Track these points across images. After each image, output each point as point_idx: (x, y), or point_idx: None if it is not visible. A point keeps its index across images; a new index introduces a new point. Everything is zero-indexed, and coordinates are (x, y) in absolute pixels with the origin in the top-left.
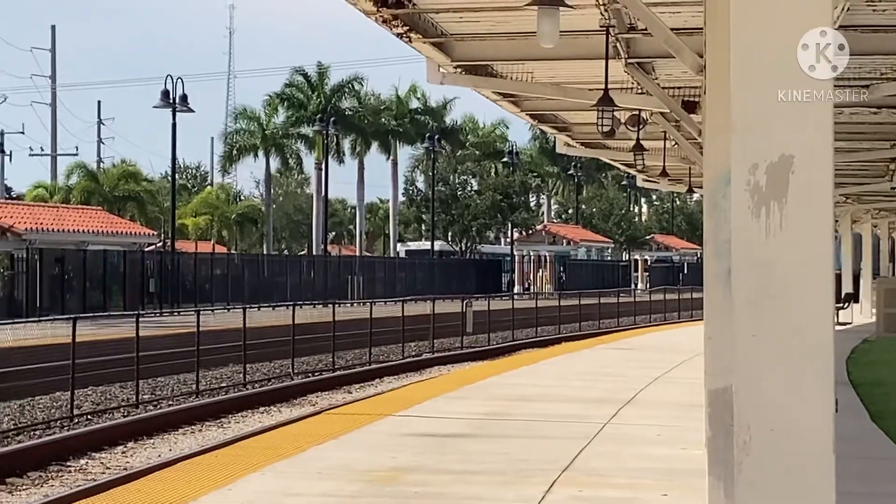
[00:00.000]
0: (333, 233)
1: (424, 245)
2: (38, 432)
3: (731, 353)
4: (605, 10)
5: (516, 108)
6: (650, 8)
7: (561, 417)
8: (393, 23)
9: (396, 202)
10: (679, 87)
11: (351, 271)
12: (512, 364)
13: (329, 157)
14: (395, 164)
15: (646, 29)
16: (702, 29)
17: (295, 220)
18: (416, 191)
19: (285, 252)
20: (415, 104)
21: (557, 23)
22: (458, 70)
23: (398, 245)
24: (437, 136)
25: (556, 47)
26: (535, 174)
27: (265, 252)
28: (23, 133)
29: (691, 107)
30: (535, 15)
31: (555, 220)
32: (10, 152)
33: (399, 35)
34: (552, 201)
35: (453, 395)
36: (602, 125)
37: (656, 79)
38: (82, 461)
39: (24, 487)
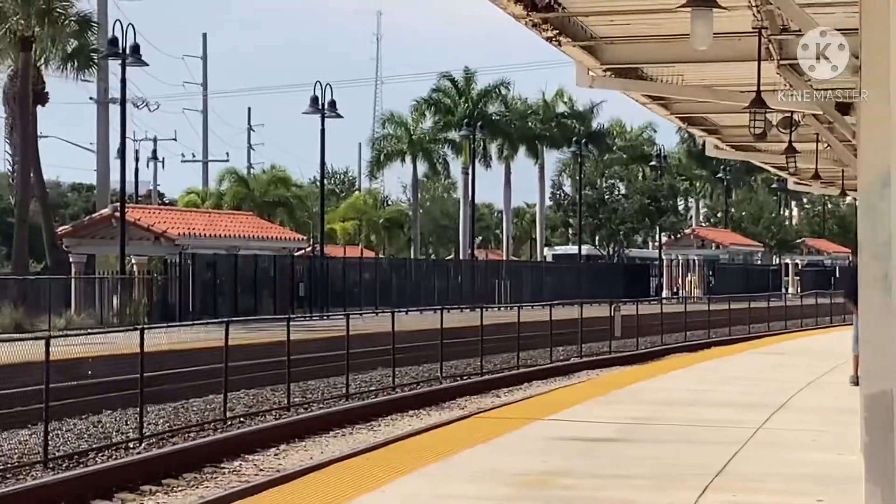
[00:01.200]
0: (480, 237)
1: (571, 249)
2: (192, 434)
3: (890, 357)
4: (758, 12)
5: (665, 110)
6: (804, 9)
7: (712, 422)
8: (542, 27)
9: (543, 206)
10: (832, 89)
11: (498, 276)
12: (661, 368)
13: (476, 162)
14: (541, 168)
15: (799, 30)
16: (857, 30)
17: (442, 224)
18: (563, 195)
19: (432, 256)
20: (561, 108)
21: (711, 24)
22: (608, 73)
23: (545, 249)
24: (584, 140)
25: (708, 49)
26: (684, 177)
27: (412, 256)
28: (175, 140)
29: (845, 108)
30: (686, 17)
31: (703, 224)
32: (163, 159)
33: (549, 39)
34: (701, 205)
35: (602, 400)
36: (754, 128)
37: (809, 80)
38: (236, 463)
39: (180, 489)
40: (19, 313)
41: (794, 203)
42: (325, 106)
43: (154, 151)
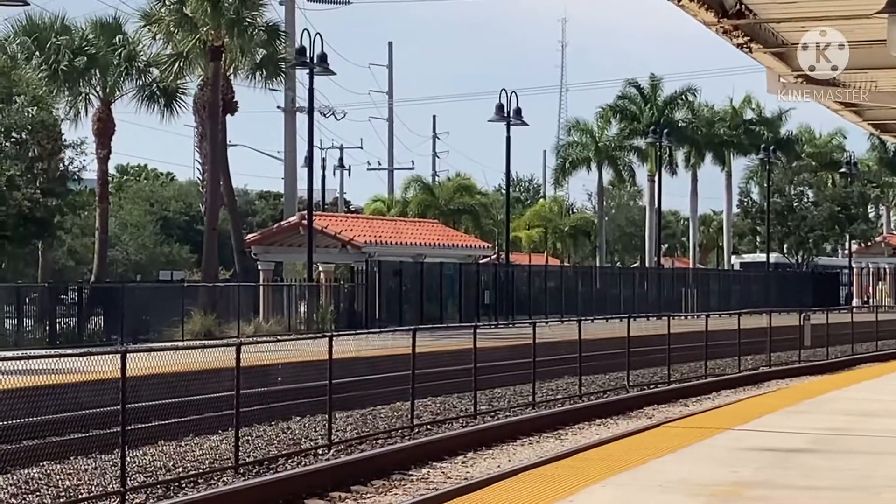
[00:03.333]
0: (666, 245)
1: (759, 257)
2: (380, 441)
3: None
4: None
5: (858, 117)
6: None
7: None
8: (734, 33)
9: (730, 214)
10: None
11: (685, 284)
12: (853, 378)
13: (662, 169)
14: (729, 175)
15: None
16: None
17: (627, 232)
18: (750, 202)
19: (618, 264)
20: (749, 115)
21: None
22: (799, 80)
23: (732, 257)
24: (772, 147)
25: None
26: (874, 184)
27: (598, 264)
28: (361, 148)
29: None
30: (880, 24)
31: (895, 232)
32: (349, 167)
33: (739, 45)
34: (892, 212)
35: (793, 410)
36: None
37: None
38: (423, 470)
39: (369, 495)
40: (209, 320)
41: None
42: (511, 113)
43: (340, 159)
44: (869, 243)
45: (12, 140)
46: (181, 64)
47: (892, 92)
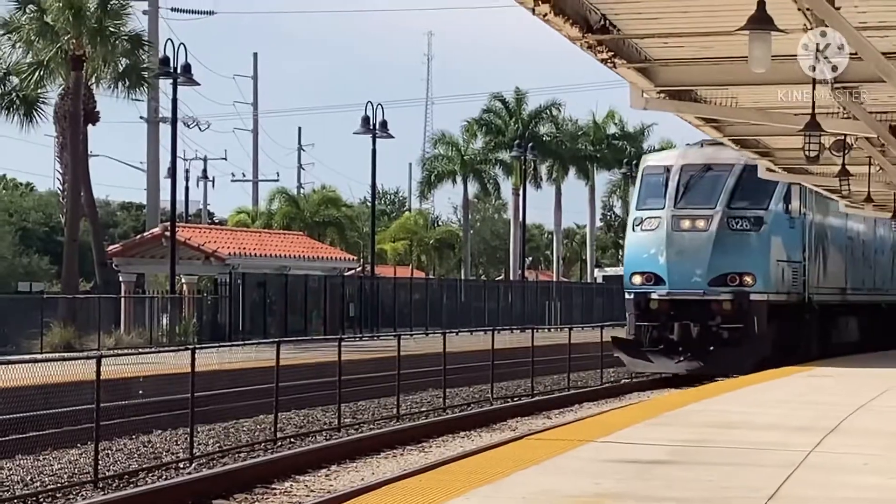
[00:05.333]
0: (530, 258)
1: (621, 270)
2: (242, 455)
3: None
4: None
5: (718, 133)
6: (860, 32)
7: (763, 445)
8: (598, 48)
9: (594, 227)
10: (886, 112)
11: (548, 297)
12: (715, 390)
13: (527, 183)
14: (592, 189)
15: (855, 53)
16: None
17: (492, 245)
18: (613, 216)
19: (483, 277)
20: (612, 129)
21: (769, 48)
22: (662, 95)
23: (595, 270)
24: (635, 162)
25: (762, 72)
26: None
27: (463, 277)
28: (225, 159)
29: None
30: (740, 40)
31: None
32: (213, 178)
33: (603, 61)
34: None
35: (654, 422)
36: (809, 150)
37: (862, 103)
38: (287, 484)
39: None
40: (69, 332)
41: None
42: (376, 126)
43: (204, 171)
44: None
45: None
46: (42, 73)
47: (753, 108)
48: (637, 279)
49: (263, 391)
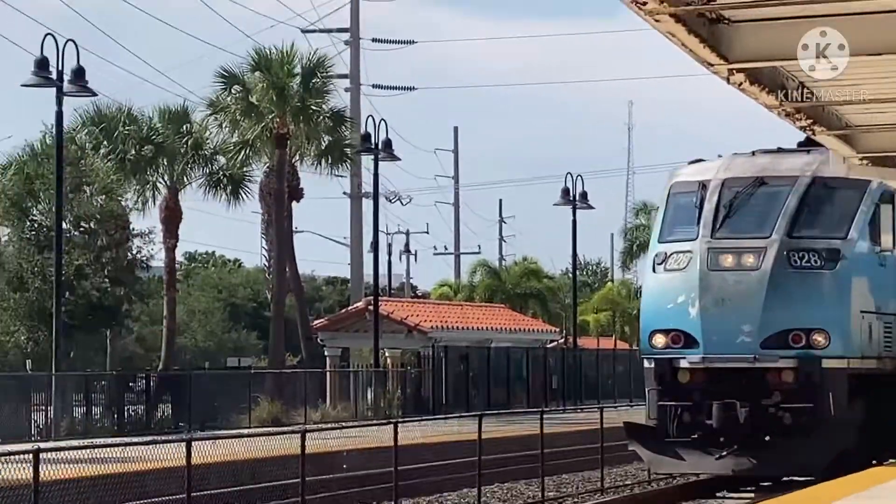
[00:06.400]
0: None
1: None
2: None
3: None
4: None
5: None
6: None
7: None
8: (796, 116)
9: None
10: None
11: None
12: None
13: None
14: None
15: None
16: None
17: None
18: None
19: None
20: None
21: None
22: (864, 161)
23: None
24: None
25: None
26: None
27: None
28: (427, 233)
29: None
30: None
31: None
32: (416, 252)
33: (802, 128)
34: None
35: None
36: None
37: None
38: None
39: None
40: (276, 407)
41: None
42: (577, 197)
43: (406, 244)
44: None
45: (81, 230)
46: (247, 152)
47: None
48: (659, 340)
49: (466, 464)
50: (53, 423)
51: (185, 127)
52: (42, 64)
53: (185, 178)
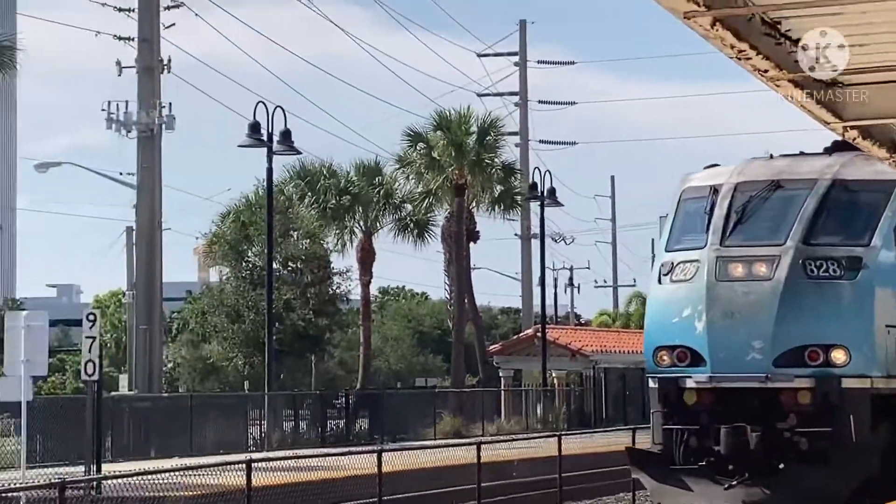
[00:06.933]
0: None
1: None
2: None
3: None
4: None
5: None
6: None
7: None
8: None
9: None
10: None
11: None
12: None
13: None
14: None
15: None
16: None
17: None
18: None
19: None
20: None
21: None
22: None
23: None
24: None
25: None
26: None
27: None
28: (588, 268)
29: None
30: None
31: None
32: (579, 285)
33: None
34: None
35: None
36: None
37: None
38: None
39: None
40: (458, 421)
41: None
42: None
43: (570, 279)
44: None
45: (289, 269)
46: (430, 200)
47: None
48: (664, 357)
49: (622, 472)
50: (266, 436)
51: (377, 179)
52: (255, 127)
53: (377, 224)
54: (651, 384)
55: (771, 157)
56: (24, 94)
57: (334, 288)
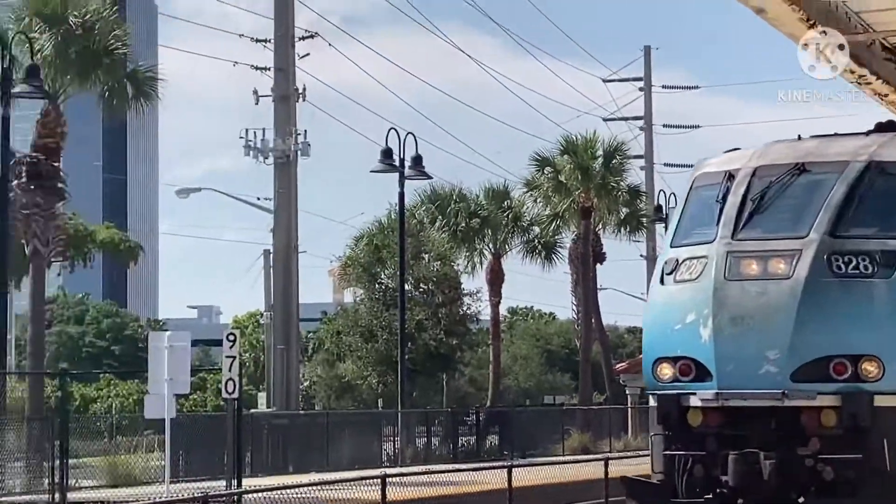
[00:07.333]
0: None
1: None
2: None
3: None
4: None
5: None
6: None
7: None
8: None
9: None
10: None
11: None
12: None
13: None
14: None
15: None
16: None
17: None
18: None
19: None
20: None
21: None
22: None
23: None
24: None
25: None
26: None
27: None
28: None
29: None
30: None
31: None
32: None
33: None
34: None
35: None
36: None
37: None
38: None
39: None
40: (585, 437)
41: None
42: None
43: None
44: None
45: (420, 290)
46: (558, 223)
47: None
48: (665, 370)
49: None
50: (400, 452)
51: (505, 203)
52: (387, 153)
53: (506, 246)
54: (651, 402)
55: (799, 137)
56: (165, 122)
57: (465, 308)
